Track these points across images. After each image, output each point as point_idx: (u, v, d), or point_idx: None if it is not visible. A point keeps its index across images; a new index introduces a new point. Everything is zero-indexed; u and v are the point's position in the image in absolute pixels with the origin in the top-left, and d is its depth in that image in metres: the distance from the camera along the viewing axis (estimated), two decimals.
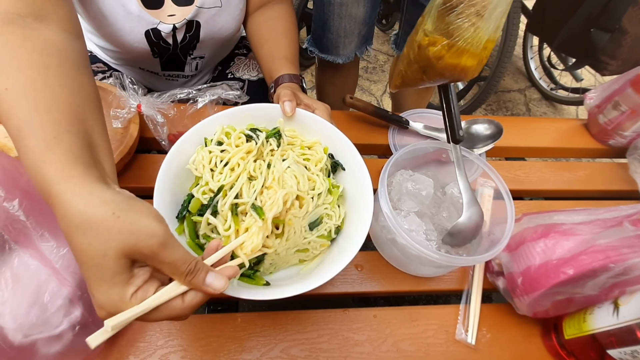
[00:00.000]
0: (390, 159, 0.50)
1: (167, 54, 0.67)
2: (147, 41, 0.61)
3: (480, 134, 0.64)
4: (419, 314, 0.49)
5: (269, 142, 0.46)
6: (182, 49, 0.66)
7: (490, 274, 0.52)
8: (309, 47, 0.93)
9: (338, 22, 0.81)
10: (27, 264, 0.38)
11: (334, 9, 0.79)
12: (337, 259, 0.41)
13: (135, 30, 0.58)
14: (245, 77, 0.79)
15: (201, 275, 0.29)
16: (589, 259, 0.38)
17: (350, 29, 0.83)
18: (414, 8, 0.85)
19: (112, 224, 0.26)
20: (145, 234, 0.27)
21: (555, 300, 0.43)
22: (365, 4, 0.80)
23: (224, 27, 0.65)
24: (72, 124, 0.31)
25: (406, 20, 0.90)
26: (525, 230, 0.47)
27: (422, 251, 0.43)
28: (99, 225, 0.26)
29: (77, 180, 0.28)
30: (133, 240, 0.26)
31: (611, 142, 0.72)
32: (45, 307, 0.38)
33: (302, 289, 0.37)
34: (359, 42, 0.89)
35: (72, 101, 0.32)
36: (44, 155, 0.28)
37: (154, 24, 0.59)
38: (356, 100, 0.66)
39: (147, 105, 0.54)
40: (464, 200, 0.48)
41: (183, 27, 0.62)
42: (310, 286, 0.37)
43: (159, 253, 0.27)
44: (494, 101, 1.85)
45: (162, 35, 0.61)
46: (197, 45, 0.67)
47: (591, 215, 0.44)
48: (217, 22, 0.64)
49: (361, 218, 0.44)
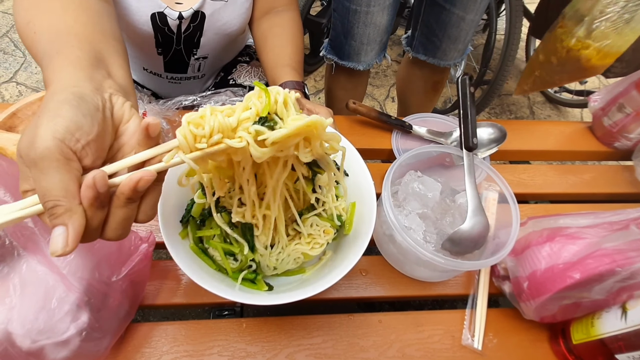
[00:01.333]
0: (394, 163, 0.51)
1: (171, 51, 0.68)
2: (152, 25, 0.62)
3: (484, 139, 0.64)
4: (425, 319, 0.49)
5: None
6: (186, 43, 0.67)
7: (496, 279, 0.52)
8: (327, 54, 0.95)
9: (363, 29, 0.83)
10: (35, 270, 0.39)
11: (359, 17, 0.81)
12: (340, 263, 0.41)
13: (141, 11, 0.59)
14: (247, 84, 0.79)
15: (50, 223, 0.25)
16: (595, 263, 0.38)
17: (373, 36, 0.85)
18: (432, 9, 0.86)
19: (34, 120, 0.26)
20: (30, 146, 0.24)
21: (562, 305, 0.42)
22: (389, 12, 0.83)
23: (228, 22, 0.66)
24: (78, 41, 0.33)
25: (423, 22, 0.91)
26: (530, 234, 0.47)
27: (418, 250, 0.43)
28: None
29: (61, 79, 0.29)
30: (23, 144, 0.25)
31: (617, 145, 0.72)
32: (53, 313, 0.38)
33: (306, 293, 0.37)
34: (379, 50, 0.91)
35: (83, 29, 0.35)
36: (47, 68, 0.31)
37: (161, 7, 0.60)
38: (359, 105, 0.66)
39: (152, 112, 0.55)
40: (469, 208, 0.48)
41: (189, 17, 0.63)
42: (314, 291, 0.37)
43: (30, 172, 0.25)
44: (498, 104, 1.85)
45: (167, 21, 0.62)
46: (201, 40, 0.68)
47: (597, 218, 0.44)
48: (222, 17, 0.65)
49: (364, 223, 0.44)
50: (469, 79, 0.55)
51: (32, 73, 1.70)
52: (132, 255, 0.44)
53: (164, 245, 0.39)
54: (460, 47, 0.91)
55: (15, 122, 0.58)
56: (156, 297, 0.48)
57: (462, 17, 0.83)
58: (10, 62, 1.74)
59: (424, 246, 0.43)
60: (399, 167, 0.51)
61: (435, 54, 0.94)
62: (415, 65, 1.04)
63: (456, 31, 0.86)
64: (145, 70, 0.74)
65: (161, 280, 0.49)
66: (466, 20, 0.83)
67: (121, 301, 0.43)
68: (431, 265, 0.44)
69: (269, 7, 0.69)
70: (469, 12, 0.81)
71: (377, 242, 0.54)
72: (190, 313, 0.94)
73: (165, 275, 0.49)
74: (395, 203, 0.54)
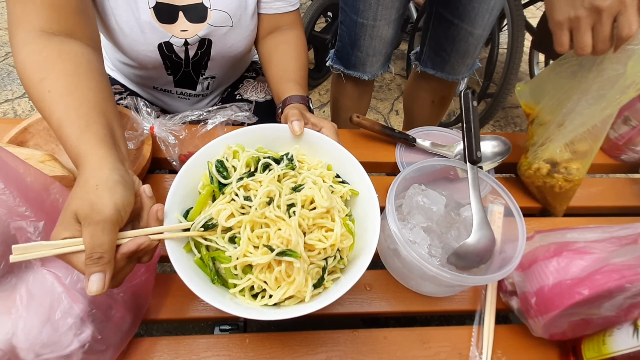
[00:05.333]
0: (398, 176, 0.51)
1: (180, 72, 0.69)
2: (160, 53, 0.64)
3: (488, 152, 0.64)
4: (431, 335, 0.48)
5: None
6: (194, 67, 0.69)
7: (504, 294, 0.51)
8: (333, 63, 0.98)
9: (369, 42, 0.86)
10: (42, 282, 0.39)
11: (366, 30, 0.84)
12: (344, 278, 0.41)
13: (148, 42, 0.61)
14: (253, 99, 0.81)
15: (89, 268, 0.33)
16: (604, 279, 0.37)
17: (379, 48, 0.88)
18: (440, 24, 0.88)
19: (90, 189, 0.34)
20: (93, 209, 0.33)
21: (572, 322, 0.41)
22: (394, 26, 0.85)
23: (234, 45, 0.68)
24: (98, 115, 0.40)
25: (431, 37, 0.93)
26: (537, 249, 0.46)
27: (423, 264, 0.42)
28: (84, 184, 0.35)
29: (101, 157, 0.37)
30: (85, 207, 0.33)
31: (623, 158, 0.71)
32: (57, 326, 0.38)
33: (310, 309, 0.37)
34: (384, 61, 0.94)
35: (97, 99, 0.42)
36: (79, 138, 0.38)
37: (167, 37, 0.62)
38: (363, 119, 0.67)
39: (159, 127, 0.56)
40: (474, 222, 0.48)
41: (195, 43, 0.64)
42: (318, 306, 0.37)
43: (85, 227, 0.33)
44: (502, 117, 1.85)
45: (174, 49, 0.64)
46: (209, 63, 0.70)
47: (605, 232, 0.43)
48: (228, 41, 0.67)
49: (368, 237, 0.43)
50: (472, 93, 0.55)
51: None
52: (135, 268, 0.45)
53: (168, 258, 0.39)
54: (469, 62, 0.92)
55: (27, 137, 0.60)
56: (159, 311, 0.48)
57: (471, 32, 0.84)
58: None
59: (429, 261, 0.43)
60: (403, 180, 0.51)
61: (443, 68, 0.95)
62: (422, 80, 1.05)
63: (464, 46, 0.87)
64: (155, 88, 0.76)
65: (165, 294, 0.49)
66: (474, 35, 0.84)
67: (124, 314, 0.43)
68: (437, 280, 0.44)
69: (273, 26, 0.70)
70: (477, 27, 0.83)
71: (381, 256, 0.54)
72: (193, 327, 0.93)
73: (169, 289, 0.49)
74: (400, 217, 0.54)
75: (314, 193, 0.43)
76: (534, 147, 0.62)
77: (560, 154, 0.58)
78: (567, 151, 0.58)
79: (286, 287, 0.40)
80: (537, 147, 0.61)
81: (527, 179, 0.64)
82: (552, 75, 0.58)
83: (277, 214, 0.41)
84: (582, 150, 0.57)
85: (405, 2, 0.83)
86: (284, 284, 0.40)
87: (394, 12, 0.82)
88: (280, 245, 0.39)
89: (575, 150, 0.57)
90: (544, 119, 0.60)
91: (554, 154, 0.59)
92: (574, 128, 0.55)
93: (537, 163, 0.61)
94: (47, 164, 0.56)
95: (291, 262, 0.39)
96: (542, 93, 0.61)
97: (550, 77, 0.58)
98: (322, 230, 0.43)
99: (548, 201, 0.64)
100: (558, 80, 0.57)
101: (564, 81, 0.56)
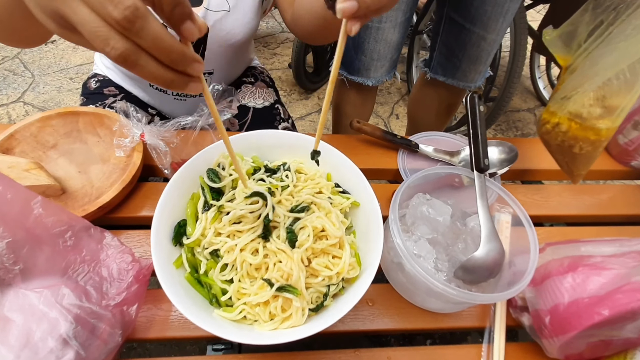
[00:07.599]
0: (401, 185, 0.48)
1: None
2: None
3: (494, 158, 0.61)
4: (438, 354, 0.45)
5: None
6: None
7: (514, 310, 0.48)
8: None
9: (373, 45, 0.83)
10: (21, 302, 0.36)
11: (370, 33, 0.81)
12: (344, 296, 0.38)
13: None
14: (251, 105, 0.79)
15: None
16: (626, 299, 0.34)
17: (383, 53, 0.85)
18: (451, 29, 0.85)
19: None
20: None
21: (590, 343, 0.39)
22: (400, 30, 0.82)
23: (232, 32, 0.65)
24: None
25: (442, 42, 0.90)
26: (550, 263, 0.44)
27: (429, 280, 0.40)
28: None
29: None
30: None
31: (633, 164, 0.69)
32: (37, 349, 0.35)
33: (308, 331, 0.34)
34: (389, 67, 0.90)
35: None
36: None
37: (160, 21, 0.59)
38: (363, 124, 0.64)
39: (150, 134, 0.53)
40: (482, 233, 0.45)
41: None
42: (316, 329, 0.34)
43: None
44: (504, 121, 1.83)
45: None
46: (205, 54, 0.67)
47: (623, 246, 0.40)
48: (225, 26, 0.64)
49: (371, 250, 0.41)
50: (478, 97, 0.53)
51: (40, 93, 1.73)
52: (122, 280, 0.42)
53: None
54: (481, 69, 0.89)
55: (13, 143, 0.57)
56: (149, 329, 0.45)
57: (483, 37, 0.81)
58: (19, 83, 1.77)
59: (435, 276, 0.40)
60: (407, 189, 0.48)
61: (454, 75, 0.92)
62: (430, 87, 1.02)
63: (477, 51, 0.84)
64: (151, 86, 0.74)
65: (154, 311, 0.46)
66: (487, 40, 0.81)
67: (111, 329, 0.40)
68: (444, 296, 0.41)
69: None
70: (490, 31, 0.80)
71: (384, 270, 0.51)
72: (185, 346, 0.90)
73: (159, 306, 0.46)
74: (403, 228, 0.51)
75: (324, 223, 0.40)
76: (558, 96, 0.53)
77: (587, 108, 0.50)
78: (596, 105, 0.49)
79: (279, 322, 0.37)
80: (563, 98, 0.53)
81: (545, 136, 0.57)
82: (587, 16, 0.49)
83: (278, 247, 0.38)
84: (612, 104, 0.48)
85: (412, 5, 0.80)
86: (278, 319, 0.37)
87: (401, 14, 0.79)
88: (280, 280, 0.37)
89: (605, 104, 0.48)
90: (577, 66, 0.52)
91: (581, 107, 0.50)
92: (604, 68, 0.46)
93: (557, 117, 0.53)
94: (32, 172, 0.53)
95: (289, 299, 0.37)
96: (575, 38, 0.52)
97: (585, 18, 0.50)
98: (329, 256, 0.40)
99: (566, 164, 0.57)
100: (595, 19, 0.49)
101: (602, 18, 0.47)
